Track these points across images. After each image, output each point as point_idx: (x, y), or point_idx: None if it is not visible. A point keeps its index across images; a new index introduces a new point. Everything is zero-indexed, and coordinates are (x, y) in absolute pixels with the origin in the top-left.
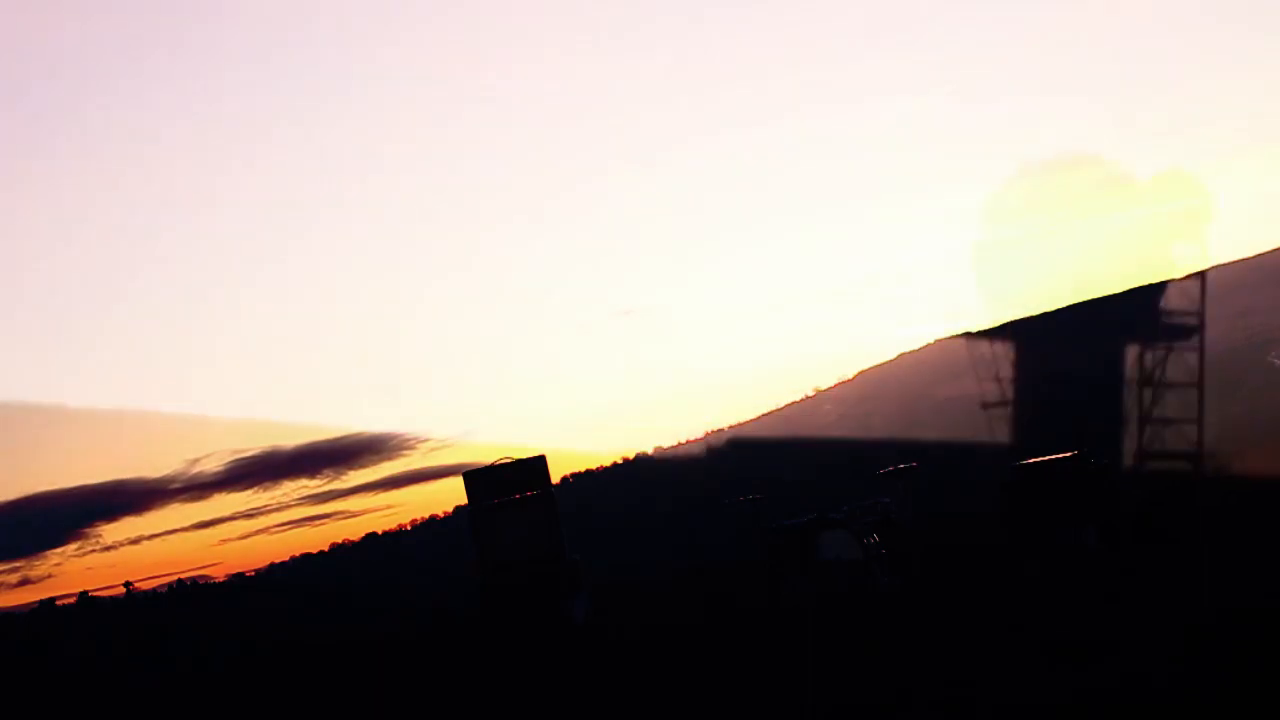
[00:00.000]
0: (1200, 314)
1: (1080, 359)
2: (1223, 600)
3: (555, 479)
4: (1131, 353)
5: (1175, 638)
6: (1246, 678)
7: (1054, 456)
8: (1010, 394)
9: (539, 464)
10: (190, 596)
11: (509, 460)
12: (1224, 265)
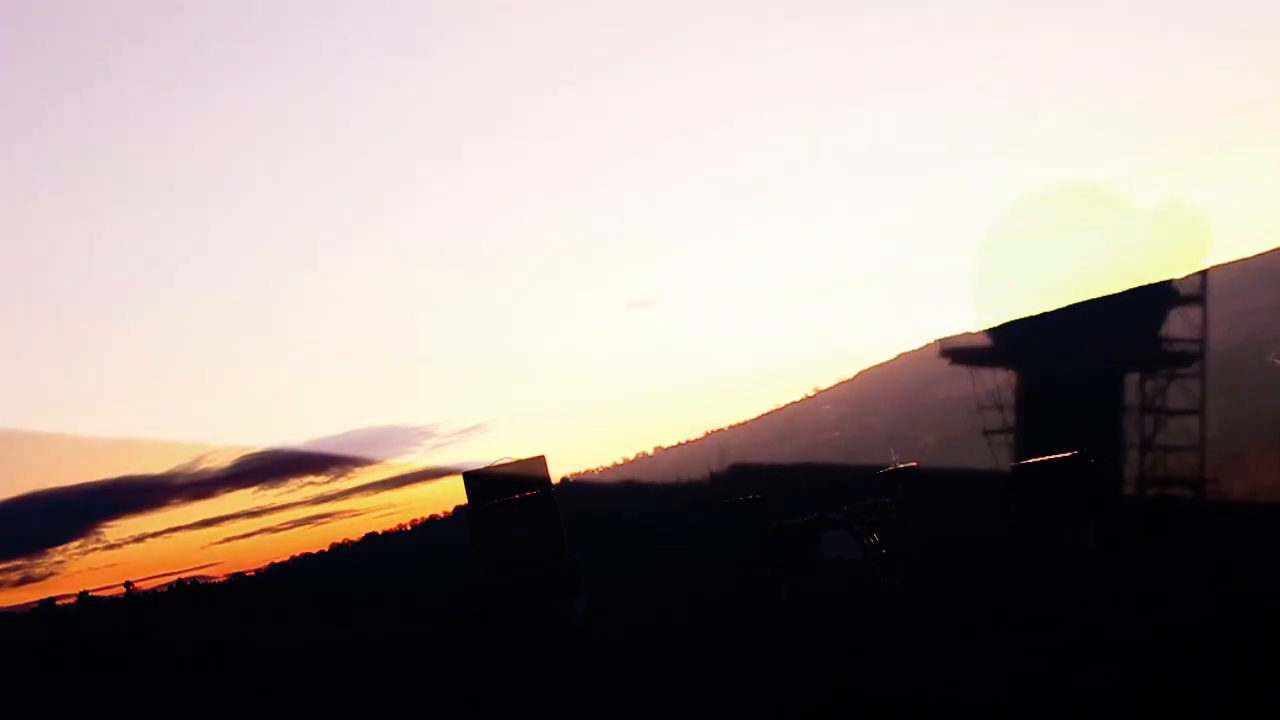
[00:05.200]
0: (1201, 341)
1: (1081, 381)
2: (1225, 598)
3: (555, 479)
4: (1132, 380)
5: (1176, 636)
6: (1249, 677)
7: (1054, 456)
8: (1012, 422)
9: (539, 464)
10: (190, 596)
11: (509, 460)
12: (1224, 265)
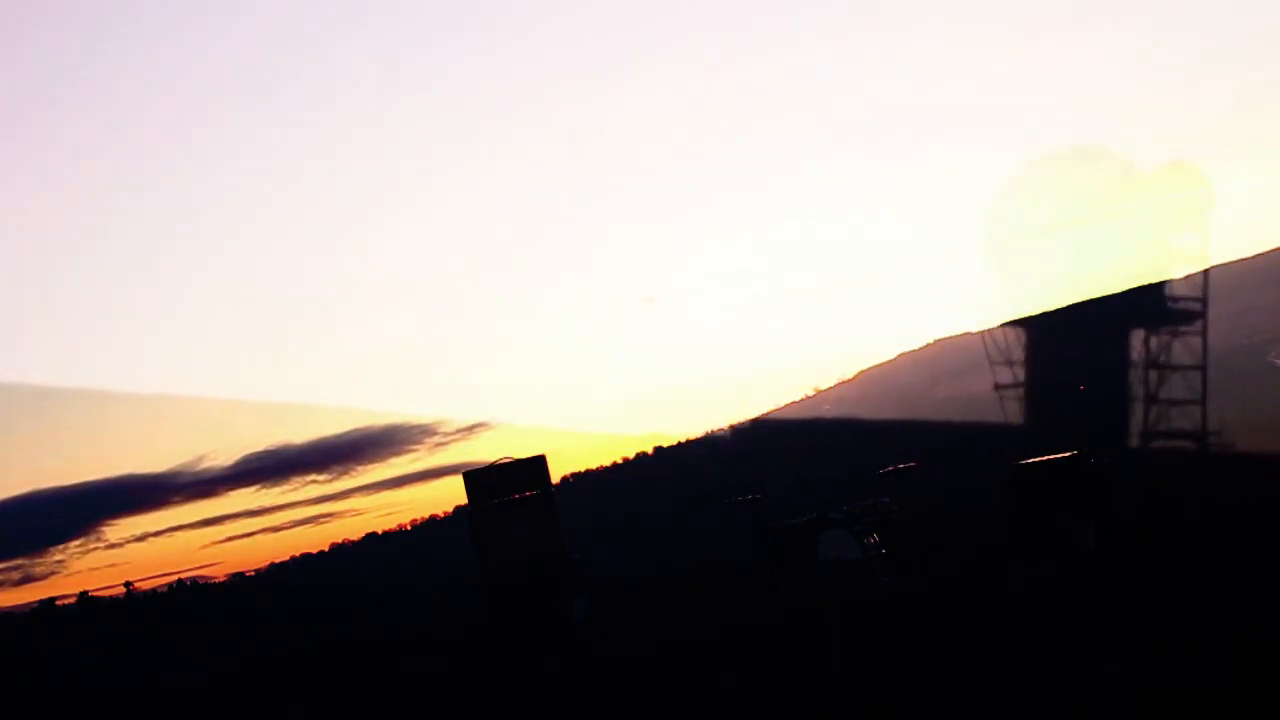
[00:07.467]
0: (1203, 299)
1: (1087, 345)
2: (1229, 596)
3: (555, 479)
4: (1137, 337)
5: (1178, 636)
6: (1252, 676)
7: (1053, 456)
8: (1022, 377)
9: (539, 464)
10: (190, 596)
11: (509, 460)
12: (1224, 265)
